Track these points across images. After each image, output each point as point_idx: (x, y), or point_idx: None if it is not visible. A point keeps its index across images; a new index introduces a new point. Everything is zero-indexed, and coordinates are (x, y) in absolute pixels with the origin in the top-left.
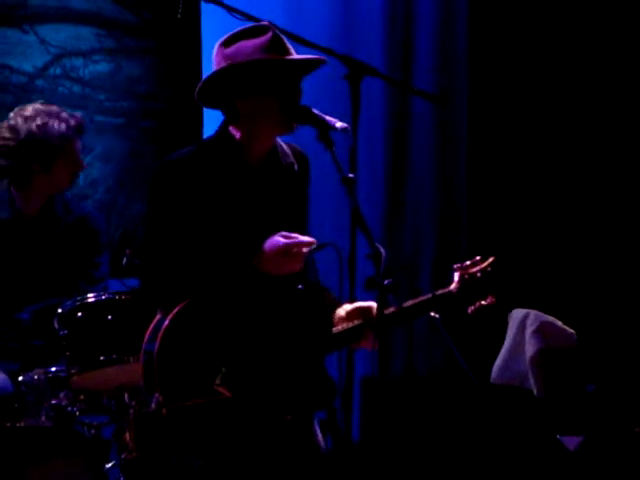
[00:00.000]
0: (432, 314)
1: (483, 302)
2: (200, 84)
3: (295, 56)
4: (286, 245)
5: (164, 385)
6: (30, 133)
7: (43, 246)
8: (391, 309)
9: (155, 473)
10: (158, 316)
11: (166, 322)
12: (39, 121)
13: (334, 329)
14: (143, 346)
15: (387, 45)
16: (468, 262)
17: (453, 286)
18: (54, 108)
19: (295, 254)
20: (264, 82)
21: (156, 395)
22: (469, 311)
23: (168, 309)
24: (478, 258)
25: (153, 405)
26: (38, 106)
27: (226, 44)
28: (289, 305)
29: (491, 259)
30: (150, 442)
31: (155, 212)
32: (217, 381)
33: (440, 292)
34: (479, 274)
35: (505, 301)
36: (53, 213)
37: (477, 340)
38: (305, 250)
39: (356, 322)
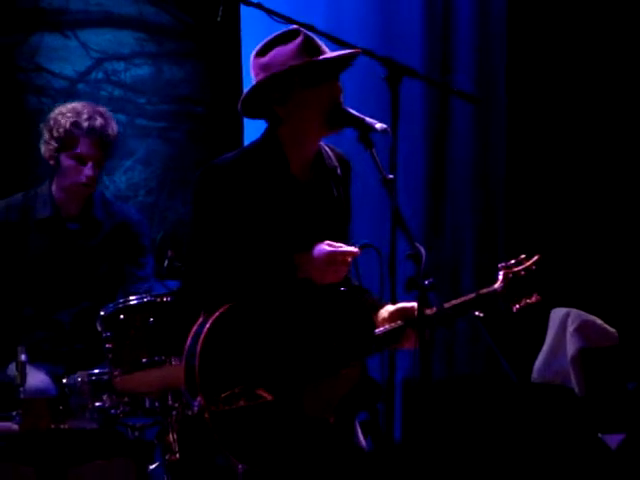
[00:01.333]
0: (476, 313)
1: (529, 301)
2: (242, 97)
3: (329, 54)
4: (331, 253)
5: (206, 388)
6: (50, 121)
7: (83, 249)
8: (434, 309)
9: (199, 474)
10: (201, 319)
11: (208, 325)
12: (62, 110)
13: (376, 330)
14: (185, 348)
15: (426, 47)
16: (513, 261)
17: (497, 285)
18: (83, 106)
19: (339, 263)
20: (304, 83)
21: (198, 399)
22: (514, 310)
23: (210, 312)
24: (523, 256)
25: (195, 409)
26: (75, 103)
27: (261, 53)
28: (331, 307)
29: (536, 257)
30: (193, 444)
31: (201, 217)
32: (259, 384)
33: (484, 291)
34: (523, 272)
35: (546, 300)
36: (93, 216)
37: (518, 339)
38: (349, 260)
39: (398, 323)
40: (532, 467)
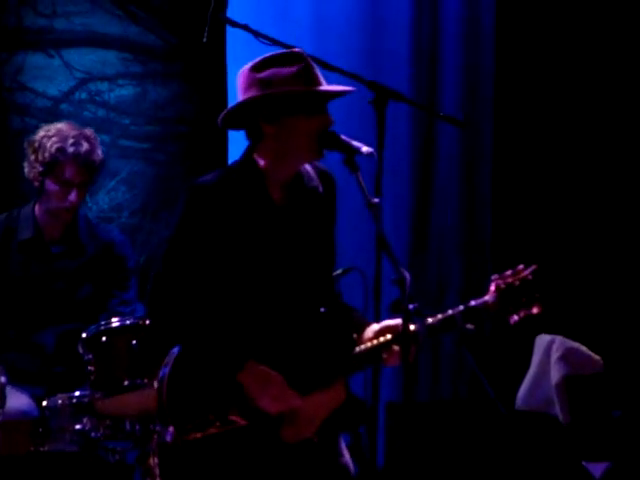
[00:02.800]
0: (467, 326)
1: (528, 312)
2: (230, 108)
3: (327, 87)
4: (280, 390)
5: (176, 418)
6: (35, 142)
7: (65, 272)
8: (429, 320)
9: None
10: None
11: (176, 352)
12: (47, 133)
13: (357, 348)
14: (157, 378)
15: (413, 71)
16: (509, 272)
17: (488, 296)
18: (69, 128)
19: (281, 398)
20: (296, 111)
21: (170, 429)
22: (511, 322)
23: (178, 333)
24: (521, 267)
25: (168, 438)
26: (61, 125)
27: (257, 69)
28: (308, 328)
29: (532, 267)
30: (173, 469)
31: (181, 237)
32: (231, 411)
33: (474, 303)
34: (518, 283)
35: (530, 327)
36: (77, 238)
37: (502, 366)
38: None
39: (380, 340)
40: None
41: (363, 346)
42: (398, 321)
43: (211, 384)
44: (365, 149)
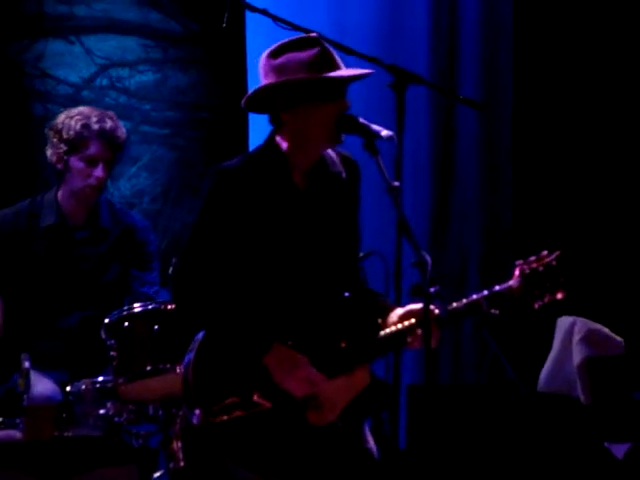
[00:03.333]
0: (492, 311)
1: (553, 297)
2: (248, 95)
3: (344, 72)
4: (306, 372)
5: (202, 401)
6: (57, 125)
7: (89, 257)
8: (453, 304)
9: None
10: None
11: (201, 335)
12: (69, 114)
13: (381, 332)
14: (183, 361)
15: (432, 54)
16: (533, 257)
17: (512, 281)
18: (90, 109)
19: (308, 381)
20: (313, 97)
21: (196, 411)
22: (535, 307)
23: (204, 316)
24: (545, 253)
25: (195, 420)
26: (82, 107)
27: (274, 55)
28: (332, 313)
29: (557, 253)
30: (198, 452)
31: (205, 221)
32: (256, 393)
33: (498, 288)
34: (542, 268)
35: (552, 309)
36: (100, 224)
37: (524, 348)
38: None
39: (405, 324)
40: (537, 477)
41: (388, 330)
42: (421, 305)
43: (236, 367)
44: (385, 133)
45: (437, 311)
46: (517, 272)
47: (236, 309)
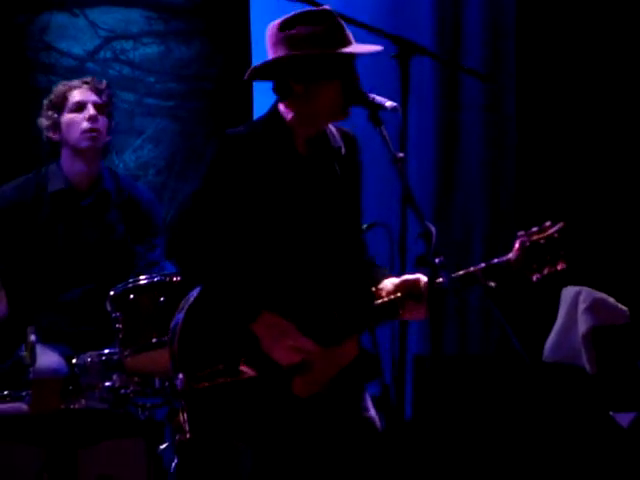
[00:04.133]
0: (490, 284)
1: (552, 269)
2: (258, 65)
3: (358, 49)
4: (294, 341)
5: (186, 365)
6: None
7: (95, 225)
8: (441, 280)
9: (210, 455)
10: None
11: (191, 298)
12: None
13: (372, 303)
14: (170, 325)
15: (436, 26)
16: (535, 228)
17: (511, 254)
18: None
19: (295, 349)
20: (328, 72)
21: (180, 375)
22: (534, 279)
23: (199, 277)
24: (548, 224)
25: (178, 385)
26: None
27: (286, 27)
28: (328, 282)
29: (559, 225)
30: (204, 424)
31: (208, 184)
32: (241, 361)
33: (495, 261)
34: (543, 241)
35: (557, 279)
36: (102, 187)
37: (530, 318)
38: (304, 350)
39: (397, 295)
40: (543, 446)
41: (379, 301)
42: (417, 275)
43: (223, 333)
44: (389, 104)
45: (439, 280)
46: (517, 244)
47: (229, 272)
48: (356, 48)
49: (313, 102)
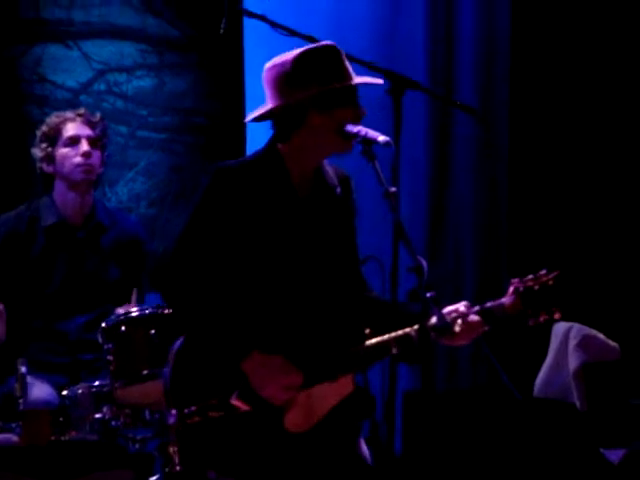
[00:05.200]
0: (484, 328)
1: (547, 317)
2: (278, 105)
3: (362, 79)
4: (285, 380)
5: (178, 401)
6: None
7: (91, 256)
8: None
9: None
10: None
11: (178, 343)
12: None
13: (367, 343)
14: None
15: (429, 59)
16: (530, 276)
17: (505, 299)
18: (72, 110)
19: (286, 388)
20: (343, 102)
21: (172, 411)
22: (530, 324)
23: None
24: (543, 272)
25: (171, 420)
26: None
27: (298, 63)
28: (322, 320)
29: (555, 273)
30: (194, 456)
31: (200, 217)
32: (234, 395)
33: (490, 305)
34: (537, 287)
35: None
36: (96, 220)
37: (520, 354)
38: (290, 387)
39: (385, 337)
40: None
41: (373, 340)
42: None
43: (215, 369)
44: (382, 138)
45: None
46: (511, 289)
47: (219, 311)
48: (364, 79)
49: (325, 132)
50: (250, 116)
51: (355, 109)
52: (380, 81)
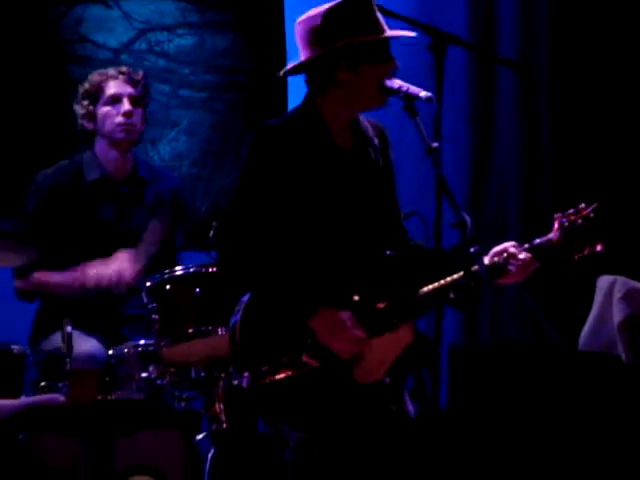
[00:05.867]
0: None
1: (592, 249)
2: (306, 59)
3: (397, 33)
4: (351, 333)
5: (250, 363)
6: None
7: (135, 211)
8: (495, 259)
9: (245, 444)
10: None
11: (246, 298)
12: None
13: (423, 289)
14: (229, 323)
15: (470, 15)
16: (571, 210)
17: (552, 234)
18: (114, 67)
19: (353, 341)
20: (372, 58)
21: (245, 374)
22: (575, 258)
23: (248, 277)
24: (582, 205)
25: (244, 383)
26: None
27: (329, 17)
28: (377, 271)
29: (594, 206)
30: (240, 414)
31: (248, 180)
32: (304, 353)
33: (538, 241)
34: (580, 221)
35: (592, 268)
36: (139, 176)
37: (565, 308)
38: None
39: (441, 282)
40: (579, 436)
41: (430, 286)
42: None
43: (282, 328)
44: (423, 94)
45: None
46: (556, 225)
47: (279, 271)
48: (396, 33)
49: (357, 88)
50: (283, 70)
51: (386, 63)
52: (412, 33)
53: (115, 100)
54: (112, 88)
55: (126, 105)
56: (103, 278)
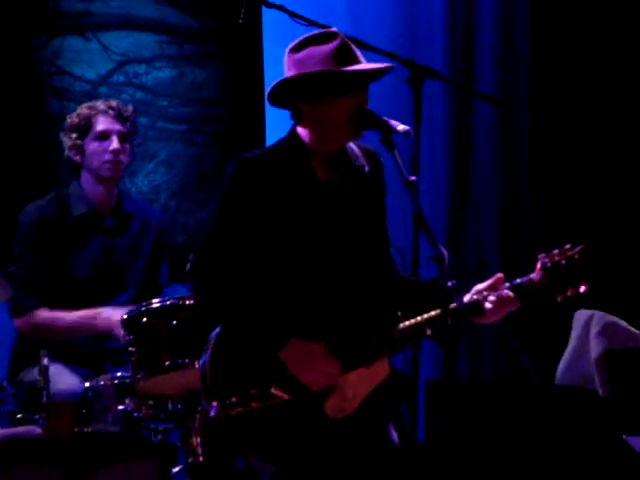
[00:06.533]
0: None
1: (575, 291)
2: (271, 87)
3: (364, 66)
4: (323, 365)
5: (219, 393)
6: (68, 117)
7: (120, 245)
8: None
9: (221, 477)
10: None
11: (218, 328)
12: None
13: (400, 325)
14: (201, 354)
15: (448, 49)
16: (555, 251)
17: (534, 274)
18: (104, 101)
19: (325, 373)
20: (331, 90)
21: (214, 404)
22: (558, 300)
23: (222, 308)
24: (568, 246)
25: (212, 413)
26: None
27: (295, 50)
28: (354, 305)
29: (580, 247)
30: (217, 447)
31: (225, 212)
32: (273, 385)
33: (519, 281)
34: (564, 262)
35: (569, 302)
36: (125, 210)
37: (542, 342)
38: (329, 374)
39: (420, 318)
40: (555, 470)
41: (407, 323)
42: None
43: (253, 360)
44: (401, 127)
45: (454, 304)
46: (539, 265)
47: (253, 303)
48: (364, 66)
49: (321, 121)
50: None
51: (348, 97)
52: (388, 65)
53: (104, 137)
54: (101, 124)
55: (115, 143)
56: (114, 324)
